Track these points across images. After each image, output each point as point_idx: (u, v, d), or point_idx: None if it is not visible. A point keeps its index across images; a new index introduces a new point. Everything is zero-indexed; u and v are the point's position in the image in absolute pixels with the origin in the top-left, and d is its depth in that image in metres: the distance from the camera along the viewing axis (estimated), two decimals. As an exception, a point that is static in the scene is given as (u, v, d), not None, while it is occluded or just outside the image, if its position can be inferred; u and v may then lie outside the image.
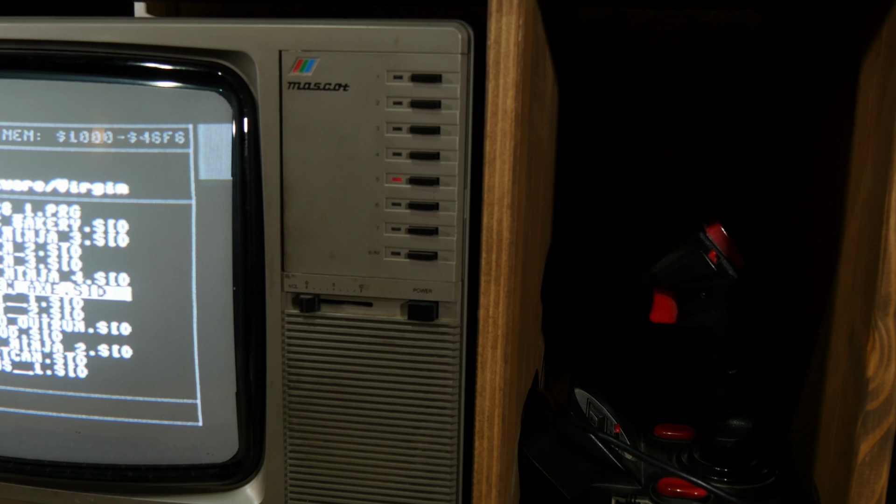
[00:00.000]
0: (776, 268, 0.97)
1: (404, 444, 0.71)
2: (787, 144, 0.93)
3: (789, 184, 0.92)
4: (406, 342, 0.69)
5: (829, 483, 0.72)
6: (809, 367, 0.80)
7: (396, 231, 0.67)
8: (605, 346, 1.08)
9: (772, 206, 0.99)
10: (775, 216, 0.98)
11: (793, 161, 0.91)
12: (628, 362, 1.07)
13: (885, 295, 0.63)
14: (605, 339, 1.08)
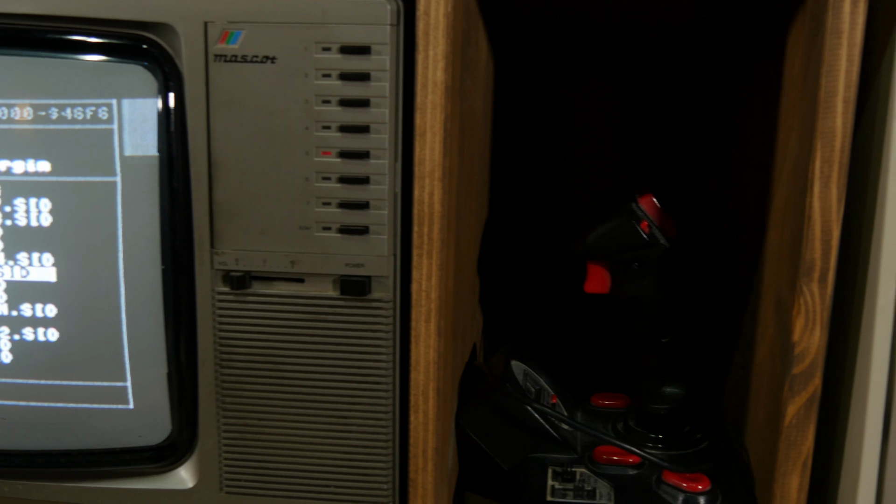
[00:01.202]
0: (709, 236, 0.98)
1: (339, 420, 0.70)
2: (720, 114, 0.94)
3: (721, 153, 0.93)
4: (339, 318, 0.68)
5: (759, 446, 0.73)
6: (740, 334, 0.81)
7: (327, 206, 0.66)
8: (542, 318, 1.08)
9: (705, 175, 1.00)
10: (708, 185, 0.99)
11: (725, 130, 0.92)
12: (565, 333, 1.08)
13: (809, 261, 0.64)
14: (542, 310, 1.08)
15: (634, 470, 0.76)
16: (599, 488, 0.74)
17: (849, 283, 0.69)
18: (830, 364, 0.71)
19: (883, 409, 0.67)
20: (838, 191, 0.63)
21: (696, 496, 0.72)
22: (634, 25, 1.02)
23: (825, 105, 0.62)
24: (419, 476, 0.70)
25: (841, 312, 0.70)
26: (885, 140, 0.64)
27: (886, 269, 0.65)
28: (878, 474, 0.68)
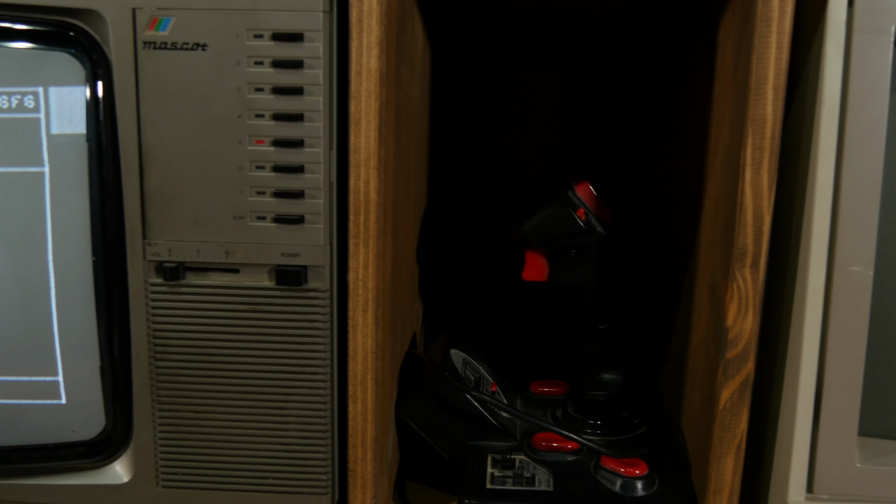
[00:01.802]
0: (645, 223, 0.99)
1: (277, 411, 0.69)
2: (657, 102, 0.95)
3: (658, 141, 0.94)
4: (275, 308, 0.67)
5: (695, 429, 0.74)
6: (676, 319, 0.82)
7: (261, 195, 0.66)
8: (482, 306, 1.08)
9: (643, 163, 1.01)
10: (646, 173, 1.00)
11: (662, 118, 0.93)
12: (504, 321, 1.08)
13: (741, 247, 0.65)
14: (482, 299, 1.08)
15: (573, 456, 0.77)
16: (538, 475, 0.75)
17: (780, 268, 0.70)
18: (763, 348, 0.72)
19: (814, 392, 0.68)
20: (769, 177, 0.64)
21: (634, 481, 0.73)
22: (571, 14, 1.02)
23: (756, 92, 0.62)
24: (358, 466, 0.70)
25: (773, 297, 0.71)
26: (815, 126, 0.65)
27: (816, 254, 0.66)
28: (810, 456, 0.69)
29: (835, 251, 0.66)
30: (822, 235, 0.66)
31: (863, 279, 0.66)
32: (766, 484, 0.72)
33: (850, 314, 0.66)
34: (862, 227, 0.65)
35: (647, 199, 0.98)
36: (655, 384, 0.91)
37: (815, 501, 0.70)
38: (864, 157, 0.64)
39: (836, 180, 0.65)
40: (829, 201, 0.65)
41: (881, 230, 0.65)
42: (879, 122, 0.64)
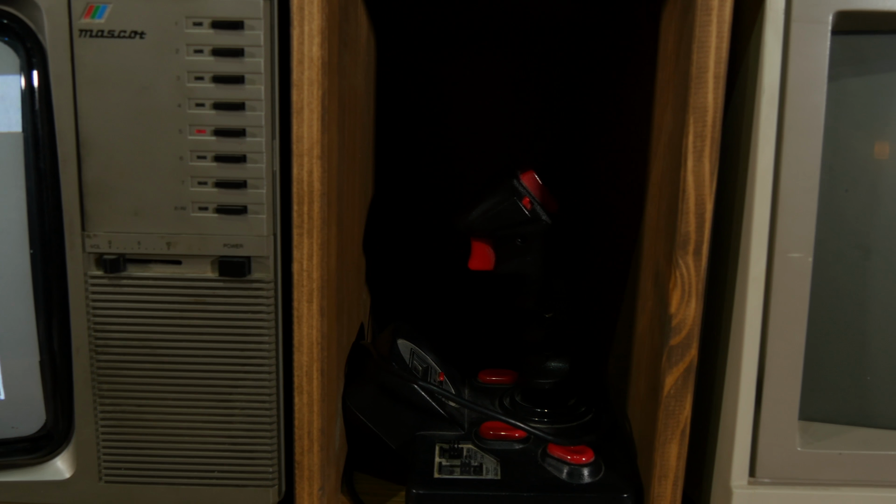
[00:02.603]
0: (592, 211, 0.99)
1: (222, 403, 0.69)
2: (602, 90, 0.96)
3: (604, 129, 0.94)
4: (218, 300, 0.67)
5: (640, 416, 0.75)
6: (622, 307, 0.82)
7: (203, 185, 0.65)
8: (429, 297, 1.08)
9: (589, 151, 1.02)
10: (592, 161, 1.00)
11: (607, 106, 0.93)
12: (452, 311, 1.08)
13: (684, 234, 0.66)
14: (429, 289, 1.08)
15: (520, 444, 0.77)
16: (486, 463, 0.75)
17: (723, 255, 0.71)
18: (706, 335, 0.73)
19: (756, 378, 0.69)
20: (711, 165, 0.64)
21: (580, 468, 0.73)
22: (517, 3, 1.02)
23: (697, 80, 0.63)
24: (305, 458, 0.70)
25: (716, 284, 0.72)
26: (755, 115, 0.66)
27: (757, 240, 0.67)
28: (752, 441, 0.70)
29: (775, 238, 0.67)
30: (763, 222, 0.67)
31: (802, 265, 0.67)
32: (709, 469, 0.73)
33: (790, 300, 0.67)
34: (801, 214, 0.66)
35: (594, 188, 0.98)
36: (602, 372, 0.91)
37: (757, 485, 0.71)
38: (803, 145, 0.65)
39: (776, 168, 0.66)
40: (770, 189, 0.66)
41: (820, 217, 0.66)
42: (818, 110, 0.65)
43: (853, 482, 0.71)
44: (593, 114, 1.00)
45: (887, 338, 0.70)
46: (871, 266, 0.69)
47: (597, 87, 0.98)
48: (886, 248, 0.69)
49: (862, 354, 0.70)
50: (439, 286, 1.08)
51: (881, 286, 0.69)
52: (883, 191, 0.68)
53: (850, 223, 0.69)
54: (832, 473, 0.70)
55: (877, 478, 0.70)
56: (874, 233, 0.69)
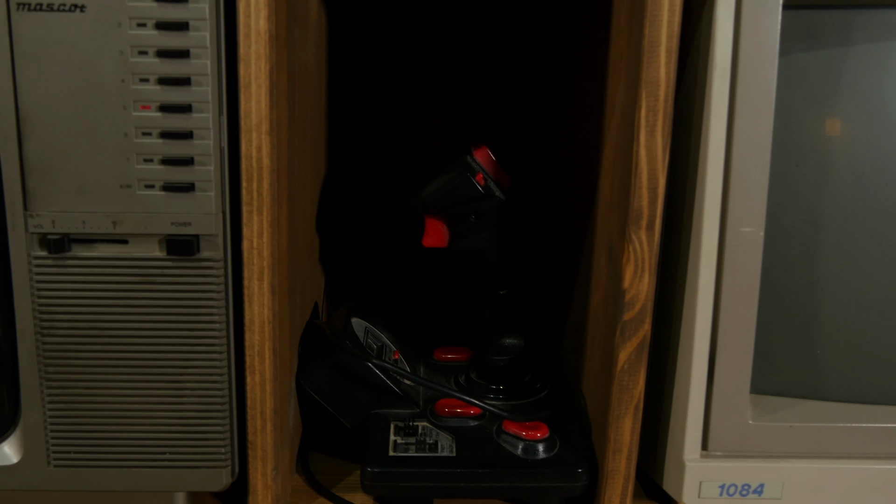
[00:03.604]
0: (547, 187, 0.99)
1: (172, 384, 0.68)
2: (557, 65, 0.95)
3: (558, 104, 0.94)
4: (167, 279, 0.65)
5: (595, 391, 0.75)
6: (577, 283, 0.82)
7: (149, 162, 0.63)
8: (384, 275, 1.08)
9: (544, 127, 1.01)
10: (547, 137, 1.00)
11: (561, 82, 0.93)
12: (407, 289, 1.08)
13: (637, 209, 0.66)
14: (384, 267, 1.08)
15: (476, 421, 0.77)
16: (441, 441, 0.75)
17: (676, 229, 0.71)
18: (660, 310, 0.73)
19: (708, 352, 0.69)
20: (663, 139, 0.64)
21: (535, 444, 0.73)
22: (472, -22, 1.02)
23: (649, 54, 0.63)
24: (258, 438, 0.69)
25: (669, 259, 0.72)
26: (707, 89, 0.66)
27: (710, 215, 0.67)
28: (704, 414, 0.70)
29: (727, 213, 0.67)
30: (715, 197, 0.67)
31: (754, 240, 0.67)
32: (663, 443, 0.74)
33: (742, 275, 0.68)
34: (753, 189, 0.66)
35: (549, 164, 0.98)
36: (557, 348, 0.91)
37: (709, 458, 0.71)
38: (755, 120, 0.65)
39: (728, 143, 0.66)
40: (721, 163, 0.66)
41: (772, 192, 0.67)
42: (769, 84, 0.65)
43: (803, 454, 0.71)
44: (548, 90, 0.99)
45: (837, 312, 0.71)
46: (821, 241, 0.70)
47: (551, 63, 0.98)
48: (837, 223, 0.70)
49: (812, 328, 0.71)
50: (394, 264, 1.07)
51: (831, 261, 0.70)
52: (833, 166, 0.69)
53: (801, 198, 0.69)
54: (783, 446, 0.71)
55: (826, 449, 0.71)
56: (825, 208, 0.69)
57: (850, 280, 0.70)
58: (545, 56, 1.01)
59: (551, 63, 0.98)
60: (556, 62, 0.95)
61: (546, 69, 1.00)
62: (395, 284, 1.07)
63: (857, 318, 0.71)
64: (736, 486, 0.72)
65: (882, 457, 0.72)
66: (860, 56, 0.68)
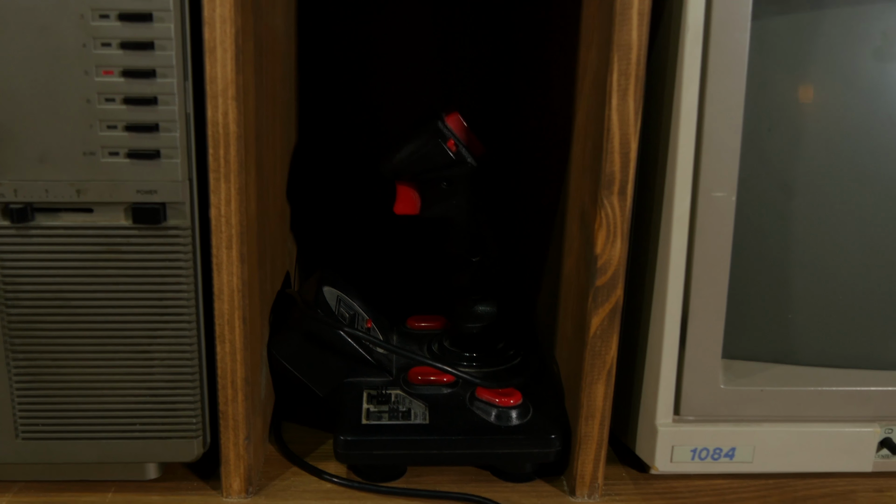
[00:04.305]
0: (520, 154, 0.98)
1: (141, 355, 0.67)
2: (528, 30, 0.94)
3: (530, 70, 0.93)
4: (133, 248, 0.64)
5: (568, 357, 0.75)
6: (550, 250, 0.82)
7: (113, 129, 0.62)
8: (356, 243, 1.07)
9: (516, 93, 1.01)
10: (519, 103, 0.99)
11: (533, 46, 0.92)
12: (380, 258, 1.07)
13: (609, 174, 0.65)
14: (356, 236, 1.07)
15: (449, 389, 0.77)
16: (414, 409, 0.74)
17: (648, 194, 0.71)
18: (632, 275, 0.73)
19: (680, 317, 0.69)
20: (635, 103, 0.64)
21: (508, 410, 0.73)
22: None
23: (621, 17, 0.62)
24: (229, 407, 0.68)
25: (641, 224, 0.72)
26: (679, 53, 0.65)
27: (682, 180, 0.67)
28: (676, 379, 0.70)
29: (699, 177, 0.66)
30: (687, 162, 0.66)
31: (726, 205, 0.67)
32: (635, 408, 0.74)
33: (714, 240, 0.67)
34: (725, 154, 0.66)
35: (521, 130, 0.97)
36: (531, 315, 0.91)
37: (681, 423, 0.72)
38: (727, 84, 0.65)
39: (700, 107, 0.66)
40: (694, 128, 0.66)
41: (743, 157, 0.67)
42: (741, 48, 0.64)
43: (774, 418, 0.72)
44: (520, 55, 0.98)
45: (808, 276, 0.71)
46: (793, 206, 0.70)
47: (523, 28, 0.97)
48: (808, 188, 0.69)
49: (784, 293, 0.71)
50: (366, 233, 1.06)
51: (803, 226, 0.70)
52: (805, 131, 0.69)
53: (772, 163, 0.69)
54: (754, 410, 0.71)
55: (797, 413, 0.72)
56: (796, 173, 0.69)
57: (821, 245, 0.70)
58: (517, 21, 1.00)
59: (523, 28, 0.97)
60: (528, 27, 0.95)
61: (518, 35, 0.99)
62: (367, 253, 1.07)
63: (828, 282, 0.71)
64: (707, 450, 0.72)
65: (852, 420, 0.73)
66: (833, 20, 0.67)
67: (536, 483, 0.74)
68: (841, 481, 0.76)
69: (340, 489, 0.73)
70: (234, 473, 0.70)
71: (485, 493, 0.72)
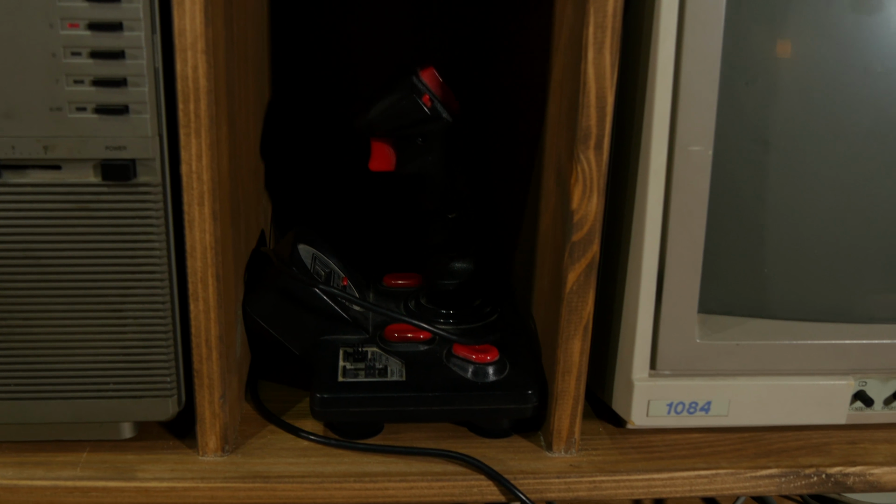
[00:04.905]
0: (496, 110, 0.98)
1: (113, 314, 0.66)
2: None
3: (505, 26, 0.92)
4: (103, 206, 0.63)
5: (544, 314, 0.75)
6: (527, 206, 0.82)
7: (80, 84, 0.61)
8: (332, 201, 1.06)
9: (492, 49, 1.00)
10: (494, 59, 0.98)
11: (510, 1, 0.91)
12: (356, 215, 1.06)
13: (585, 129, 0.65)
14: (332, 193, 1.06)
15: (425, 346, 0.77)
16: (391, 366, 0.74)
17: (624, 149, 0.70)
18: (609, 230, 0.73)
19: (657, 272, 0.69)
20: (611, 57, 0.63)
21: (485, 366, 0.73)
22: None
23: (597, -31, 0.61)
24: (204, 366, 0.68)
25: (618, 179, 0.71)
26: (656, 5, 0.64)
27: (658, 134, 0.66)
28: (653, 334, 0.70)
29: (676, 131, 0.66)
30: (664, 115, 0.66)
31: (702, 159, 0.67)
32: (612, 363, 0.74)
33: (690, 194, 0.67)
34: (702, 107, 0.66)
35: (498, 86, 0.96)
36: (508, 272, 0.91)
37: (657, 377, 0.72)
38: (704, 37, 0.64)
39: (677, 60, 0.65)
40: (671, 81, 0.65)
41: (720, 110, 0.66)
42: (718, 1, 0.64)
43: (750, 371, 0.72)
44: (496, 10, 0.97)
45: (784, 231, 0.71)
46: (769, 160, 0.70)
47: (500, -17, 0.95)
48: (785, 143, 0.69)
49: (760, 247, 0.71)
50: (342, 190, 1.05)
51: (779, 180, 0.70)
52: (782, 85, 0.68)
53: (749, 117, 0.69)
54: (730, 364, 0.71)
55: (772, 367, 0.72)
56: (774, 127, 0.69)
57: (797, 199, 0.70)
58: (494, -25, 0.98)
59: (500, -18, 0.96)
60: (504, -19, 0.93)
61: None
62: (343, 211, 1.06)
63: (804, 236, 0.71)
64: (683, 403, 0.73)
65: (826, 373, 0.73)
66: (811, -28, 0.67)
67: (513, 439, 0.75)
68: (815, 434, 0.77)
69: (317, 447, 0.73)
70: (210, 432, 0.70)
71: (462, 449, 0.72)
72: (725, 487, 0.72)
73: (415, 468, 0.71)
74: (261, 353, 0.84)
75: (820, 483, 0.73)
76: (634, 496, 0.72)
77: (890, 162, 0.70)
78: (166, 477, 0.69)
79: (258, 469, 0.70)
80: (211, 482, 0.68)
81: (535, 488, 0.70)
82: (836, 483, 0.73)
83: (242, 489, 0.69)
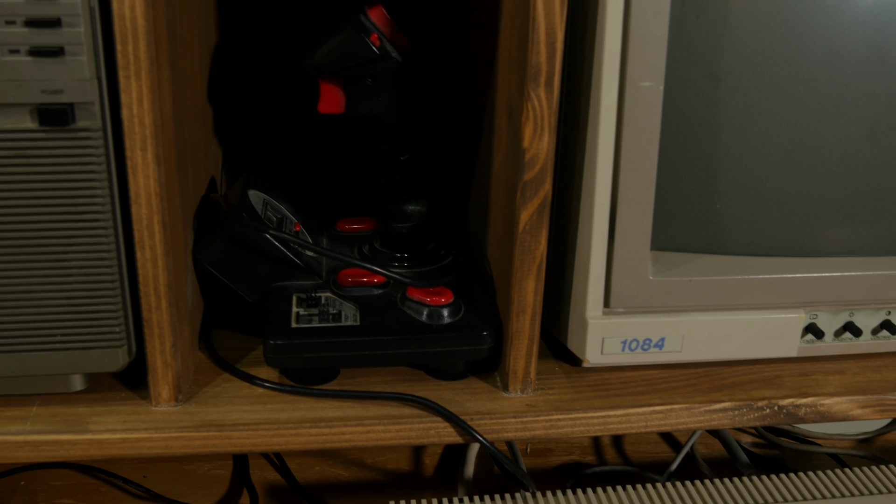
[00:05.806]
0: (447, 49, 0.96)
1: (56, 263, 0.64)
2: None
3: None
4: (41, 152, 0.61)
5: (499, 255, 0.74)
6: (480, 146, 0.81)
7: (11, 25, 0.58)
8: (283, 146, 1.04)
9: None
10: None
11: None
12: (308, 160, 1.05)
13: (535, 65, 0.64)
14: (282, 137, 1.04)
15: (380, 290, 0.76)
16: (345, 311, 0.73)
17: (576, 87, 0.69)
18: (561, 169, 0.72)
19: (609, 210, 0.69)
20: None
21: (440, 309, 0.73)
22: None
23: None
24: (153, 315, 0.67)
25: (570, 117, 0.71)
26: (605, -62, 0.63)
27: (609, 70, 0.65)
28: (606, 272, 0.70)
29: (626, 67, 0.65)
30: (614, 51, 0.65)
31: (653, 94, 0.66)
32: (566, 302, 0.74)
33: (642, 130, 0.67)
34: (652, 42, 0.65)
35: (449, 24, 0.95)
36: (462, 214, 0.90)
37: (611, 315, 0.72)
38: (654, -31, 0.63)
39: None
40: (621, 16, 0.64)
41: (671, 45, 0.65)
42: (668, -69, 0.63)
43: (703, 307, 0.73)
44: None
45: (736, 166, 0.71)
46: (720, 94, 0.69)
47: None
48: (735, 77, 0.69)
49: (711, 183, 0.71)
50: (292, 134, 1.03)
51: (730, 115, 0.70)
52: (732, 18, 0.67)
53: (700, 51, 0.68)
54: (683, 300, 0.72)
55: (725, 302, 0.72)
56: (724, 61, 0.68)
57: (748, 134, 0.70)
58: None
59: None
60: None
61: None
62: (294, 155, 1.04)
63: (755, 172, 0.71)
64: (637, 340, 0.73)
65: (778, 306, 0.74)
66: None
67: (470, 380, 0.74)
68: (768, 367, 0.77)
69: (272, 393, 0.72)
70: (163, 382, 0.69)
71: (418, 392, 0.72)
72: (680, 422, 0.73)
73: (371, 412, 0.70)
74: (213, 301, 0.83)
75: (772, 415, 0.74)
76: (591, 433, 0.72)
77: (841, 96, 0.70)
78: (119, 428, 0.68)
79: (213, 418, 0.69)
80: (165, 432, 0.68)
81: (492, 428, 0.71)
82: (788, 414, 0.74)
83: (197, 438, 0.68)
